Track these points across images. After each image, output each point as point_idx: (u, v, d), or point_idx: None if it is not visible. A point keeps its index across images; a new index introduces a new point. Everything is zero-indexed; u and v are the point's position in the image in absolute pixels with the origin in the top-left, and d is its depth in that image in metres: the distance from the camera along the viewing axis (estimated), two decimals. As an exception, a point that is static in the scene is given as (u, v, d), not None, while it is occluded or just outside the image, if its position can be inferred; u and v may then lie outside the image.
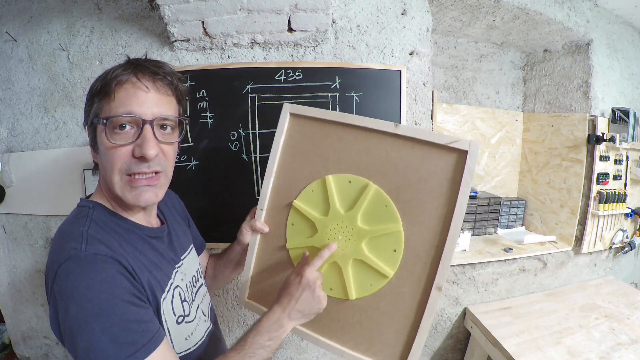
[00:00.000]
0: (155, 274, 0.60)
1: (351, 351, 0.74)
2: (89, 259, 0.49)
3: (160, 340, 0.52)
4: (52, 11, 1.24)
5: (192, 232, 0.87)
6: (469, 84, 1.84)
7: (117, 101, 0.56)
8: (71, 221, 0.57)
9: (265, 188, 0.82)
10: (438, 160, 0.67)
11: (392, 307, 0.71)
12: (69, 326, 0.47)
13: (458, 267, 1.45)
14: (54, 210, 1.32)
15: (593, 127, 1.55)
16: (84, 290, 0.47)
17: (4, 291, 1.44)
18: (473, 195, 1.68)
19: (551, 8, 1.45)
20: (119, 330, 0.48)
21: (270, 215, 0.83)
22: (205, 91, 1.20)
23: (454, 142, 0.66)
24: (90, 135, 0.61)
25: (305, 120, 0.80)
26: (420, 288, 0.68)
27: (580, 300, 1.49)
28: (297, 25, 1.14)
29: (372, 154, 0.73)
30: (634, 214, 1.68)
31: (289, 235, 0.80)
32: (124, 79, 0.56)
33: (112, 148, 0.56)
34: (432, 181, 0.68)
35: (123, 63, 0.59)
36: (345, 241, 0.74)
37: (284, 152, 0.81)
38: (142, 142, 0.56)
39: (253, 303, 0.84)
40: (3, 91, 1.29)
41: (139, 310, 0.52)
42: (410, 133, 0.70)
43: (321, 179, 0.77)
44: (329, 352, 1.45)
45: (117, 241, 0.55)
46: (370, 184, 0.72)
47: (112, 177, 0.58)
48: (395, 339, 0.70)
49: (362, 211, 0.72)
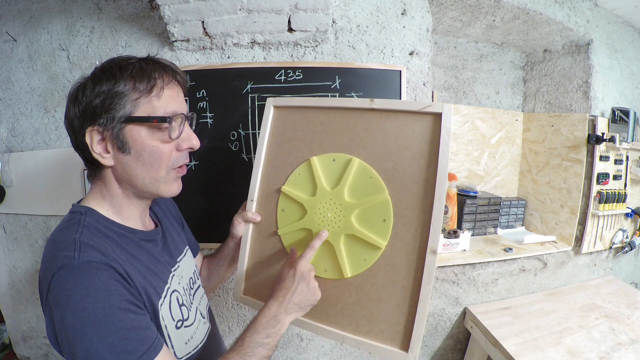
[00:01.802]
0: (150, 279, 0.59)
1: (352, 335, 0.71)
2: (82, 267, 0.48)
3: (160, 347, 0.51)
4: (52, 11, 1.24)
5: (187, 235, 0.87)
6: (469, 84, 1.84)
7: (164, 100, 0.58)
8: (63, 228, 0.55)
9: (254, 179, 0.84)
10: (415, 126, 0.70)
11: (388, 279, 0.69)
12: (66, 336, 0.47)
13: (458, 267, 1.45)
14: (54, 210, 1.32)
15: (593, 127, 1.55)
16: (79, 299, 0.46)
17: (4, 291, 1.44)
18: (473, 195, 1.68)
19: (551, 8, 1.45)
20: (117, 339, 0.47)
21: (260, 204, 0.84)
22: (205, 91, 1.20)
23: (427, 106, 0.69)
24: (110, 136, 0.56)
25: (288, 110, 0.83)
26: (414, 255, 0.67)
27: (580, 300, 1.49)
28: (297, 25, 1.14)
29: (353, 131, 0.76)
30: (634, 214, 1.68)
31: (280, 221, 0.81)
32: (168, 79, 0.59)
33: (164, 143, 0.59)
34: (412, 147, 0.70)
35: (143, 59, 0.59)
36: (334, 218, 0.74)
37: (270, 142, 0.84)
38: (189, 136, 0.63)
39: (249, 298, 0.83)
40: (3, 91, 1.29)
41: (136, 317, 0.51)
42: (386, 105, 0.73)
43: (306, 161, 0.79)
44: (329, 352, 1.45)
45: (110, 247, 0.54)
46: (353, 159, 0.74)
47: (158, 173, 0.60)
48: (397, 316, 0.68)
49: (348, 185, 0.74)
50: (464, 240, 1.51)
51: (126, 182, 0.60)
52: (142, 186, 0.60)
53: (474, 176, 1.86)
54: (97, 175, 0.61)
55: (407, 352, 0.66)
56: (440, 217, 0.65)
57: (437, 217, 0.65)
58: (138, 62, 0.58)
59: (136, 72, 0.56)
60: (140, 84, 0.56)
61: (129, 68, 0.56)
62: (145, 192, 0.62)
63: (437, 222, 0.65)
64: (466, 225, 1.68)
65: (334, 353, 1.44)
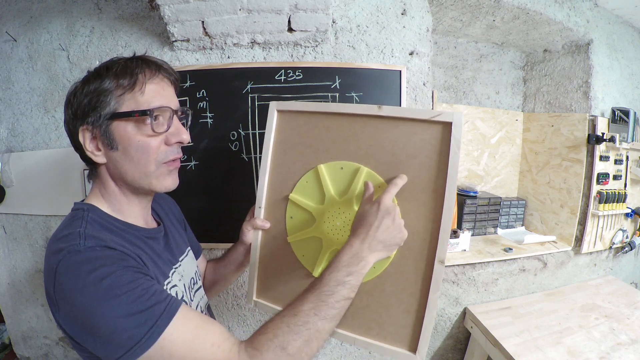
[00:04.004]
0: (154, 270, 0.59)
1: (363, 337, 0.74)
2: (88, 251, 0.48)
3: (180, 304, 0.50)
4: (52, 11, 1.24)
5: (189, 236, 0.87)
6: (469, 84, 1.84)
7: (148, 94, 0.58)
8: (67, 225, 0.55)
9: (261, 186, 0.83)
10: (424, 135, 0.68)
11: (397, 287, 0.71)
12: (80, 320, 0.46)
13: (458, 267, 1.45)
14: (54, 210, 1.32)
15: (593, 127, 1.55)
16: (85, 276, 0.46)
17: (4, 291, 1.44)
18: (473, 195, 1.68)
19: (551, 8, 1.45)
20: (133, 298, 0.46)
21: (269, 211, 0.83)
22: (205, 91, 1.20)
23: (437, 115, 0.66)
24: (99, 134, 0.57)
25: (292, 114, 0.82)
26: (422, 264, 0.68)
27: (580, 300, 1.49)
28: (297, 25, 1.14)
29: (360, 138, 0.74)
30: (634, 214, 1.68)
31: (289, 229, 0.81)
32: (151, 74, 0.59)
33: (150, 137, 0.58)
34: (420, 156, 0.68)
35: (129, 58, 0.60)
36: (343, 227, 0.74)
37: (275, 148, 0.83)
38: (178, 130, 0.62)
39: (262, 301, 0.84)
40: (3, 91, 1.29)
41: (149, 281, 0.50)
42: (393, 113, 0.71)
43: (314, 169, 0.78)
44: (329, 352, 1.45)
45: (115, 240, 0.55)
46: (361, 168, 0.73)
47: (147, 168, 0.59)
48: (405, 319, 0.70)
49: (357, 195, 0.73)
50: (464, 240, 1.51)
51: (119, 179, 0.61)
52: (133, 182, 0.60)
53: (474, 176, 1.86)
54: (95, 174, 0.62)
55: (415, 353, 0.69)
56: (448, 228, 0.65)
57: (445, 229, 0.65)
58: (124, 61, 0.59)
59: (120, 70, 0.57)
60: (124, 80, 0.57)
61: (114, 67, 0.57)
62: (139, 188, 0.62)
63: (445, 234, 0.65)
64: (466, 225, 1.68)
65: (334, 353, 1.44)
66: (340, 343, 1.42)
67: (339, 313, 0.55)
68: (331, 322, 0.54)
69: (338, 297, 0.55)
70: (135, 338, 0.45)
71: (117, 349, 0.45)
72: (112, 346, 0.45)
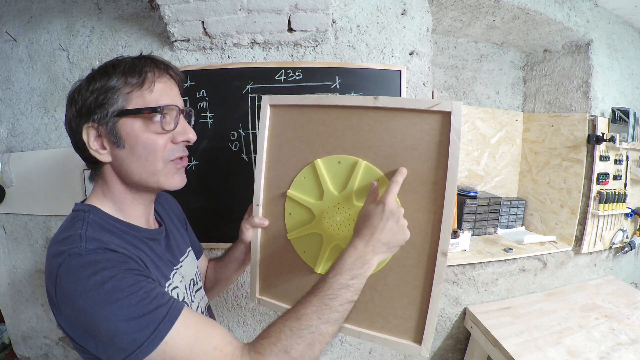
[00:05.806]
0: (155, 272, 0.59)
1: (368, 330, 0.74)
2: (89, 254, 0.48)
3: (182, 306, 0.50)
4: (52, 11, 1.24)
5: (190, 236, 0.87)
6: (469, 84, 1.84)
7: (156, 93, 0.58)
8: (67, 226, 0.55)
9: (258, 183, 0.82)
10: (422, 125, 0.66)
11: (400, 279, 0.70)
12: (81, 323, 0.46)
13: (458, 267, 1.45)
14: (54, 210, 1.32)
15: (593, 127, 1.55)
16: (86, 280, 0.45)
17: (4, 291, 1.44)
18: (473, 195, 1.68)
19: (551, 8, 1.45)
20: (134, 301, 0.46)
21: (267, 209, 0.83)
22: (205, 91, 1.20)
23: (435, 104, 0.64)
24: (105, 132, 0.56)
25: (286, 109, 0.79)
26: (424, 256, 0.67)
27: (580, 300, 1.49)
28: (297, 25, 1.14)
29: (356, 131, 0.72)
30: (634, 214, 1.68)
31: (288, 225, 0.80)
32: (160, 73, 0.59)
33: (157, 135, 0.58)
34: (419, 147, 0.66)
35: (136, 57, 0.60)
36: (343, 222, 0.74)
37: (270, 144, 0.81)
38: (185, 129, 0.62)
39: (265, 298, 0.84)
40: (3, 91, 1.29)
41: (151, 284, 0.50)
42: (391, 103, 0.68)
43: (311, 164, 0.76)
44: (328, 352, 1.45)
45: (116, 242, 0.54)
46: (359, 161, 0.71)
47: (154, 166, 0.59)
48: (409, 312, 0.70)
49: (356, 189, 0.72)
50: (464, 240, 1.51)
51: (124, 177, 0.60)
52: (140, 180, 0.60)
53: (474, 176, 1.86)
54: (98, 174, 0.62)
55: (420, 345, 0.69)
56: (450, 219, 0.64)
57: (447, 220, 0.64)
58: (131, 60, 0.59)
59: (128, 68, 0.57)
60: (132, 78, 0.57)
61: (121, 65, 0.57)
62: (145, 186, 0.61)
63: (447, 225, 0.65)
64: (466, 225, 1.68)
65: (334, 353, 1.44)
66: (340, 343, 1.42)
67: (342, 316, 0.55)
68: (334, 325, 0.54)
69: (341, 301, 0.55)
70: (137, 342, 0.45)
71: (119, 352, 0.45)
72: (114, 350, 0.45)
